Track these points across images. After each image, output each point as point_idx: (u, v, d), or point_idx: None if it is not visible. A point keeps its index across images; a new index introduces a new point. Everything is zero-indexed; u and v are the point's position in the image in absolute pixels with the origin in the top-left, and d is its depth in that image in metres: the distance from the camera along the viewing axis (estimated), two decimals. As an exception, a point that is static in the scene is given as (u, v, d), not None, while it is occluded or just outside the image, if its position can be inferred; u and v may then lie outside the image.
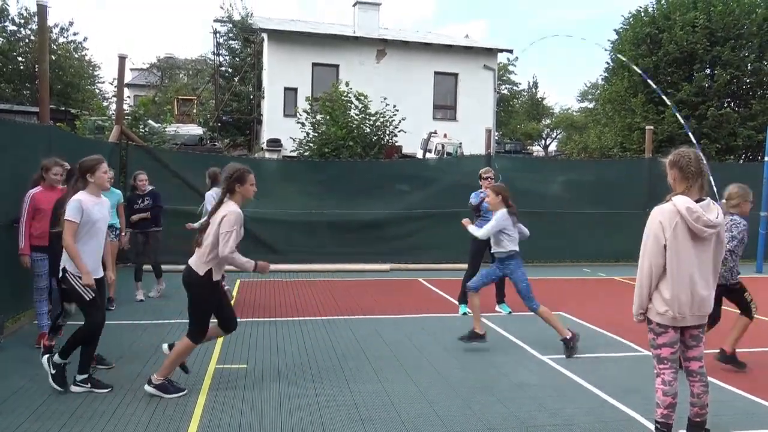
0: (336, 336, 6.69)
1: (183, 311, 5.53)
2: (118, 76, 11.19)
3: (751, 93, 18.43)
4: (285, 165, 13.48)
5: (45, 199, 5.81)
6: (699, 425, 3.91)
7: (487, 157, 12.60)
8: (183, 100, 30.97)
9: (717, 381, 5.31)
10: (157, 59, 47.82)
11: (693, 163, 3.80)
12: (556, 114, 50.80)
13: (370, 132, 14.61)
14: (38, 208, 5.80)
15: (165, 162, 11.27)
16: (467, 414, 4.49)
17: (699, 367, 3.91)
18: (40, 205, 5.80)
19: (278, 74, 25.57)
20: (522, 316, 7.71)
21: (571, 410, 4.60)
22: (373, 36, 26.74)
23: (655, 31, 17.79)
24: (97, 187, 4.79)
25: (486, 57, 28.32)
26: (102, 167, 4.79)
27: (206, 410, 4.47)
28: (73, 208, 4.60)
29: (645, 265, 3.79)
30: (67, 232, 4.59)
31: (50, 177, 5.91)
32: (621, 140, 18.56)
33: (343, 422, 4.30)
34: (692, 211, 3.69)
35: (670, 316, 3.75)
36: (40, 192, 5.89)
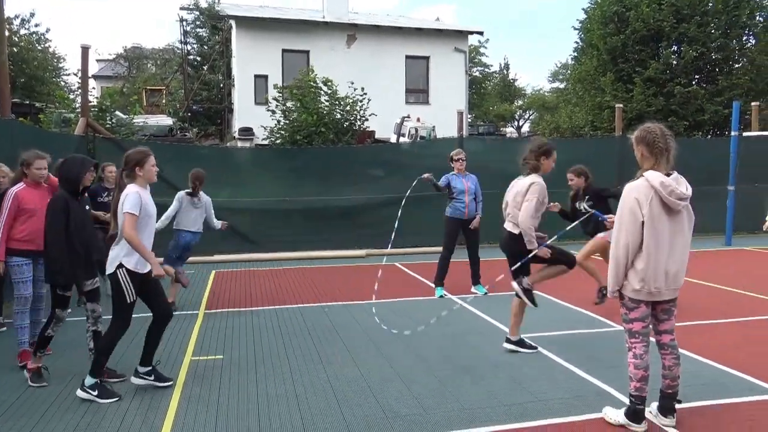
0: (312, 323, 6.67)
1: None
2: (81, 68, 10.93)
3: (717, 69, 18.69)
4: (257, 153, 13.35)
5: (31, 198, 5.26)
6: (671, 396, 3.98)
7: (460, 140, 12.61)
8: (151, 91, 30.42)
9: (688, 352, 5.41)
10: (124, 50, 46.97)
11: (660, 139, 3.84)
12: (528, 95, 51.05)
13: (341, 117, 14.52)
14: (23, 208, 5.20)
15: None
16: (444, 394, 4.51)
17: (670, 340, 3.97)
18: (26, 205, 5.21)
19: (248, 62, 25.25)
20: (498, 296, 7.79)
21: (547, 387, 4.65)
22: (343, 21, 26.51)
23: (623, 9, 17.91)
24: (145, 181, 4.68)
25: (457, 39, 28.27)
26: (150, 160, 4.68)
27: (182, 403, 4.42)
28: (134, 201, 4.46)
29: (621, 242, 3.81)
30: (130, 225, 4.42)
31: (33, 172, 5.30)
32: (591, 119, 18.71)
33: (321, 408, 4.29)
34: (666, 185, 3.72)
35: (646, 291, 3.79)
36: (24, 190, 5.27)
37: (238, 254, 11.10)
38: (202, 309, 7.39)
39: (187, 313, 7.20)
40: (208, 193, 11.01)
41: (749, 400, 4.39)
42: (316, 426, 4.02)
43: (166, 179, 10.76)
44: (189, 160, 11.75)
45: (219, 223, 7.52)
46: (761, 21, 18.34)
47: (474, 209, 7.97)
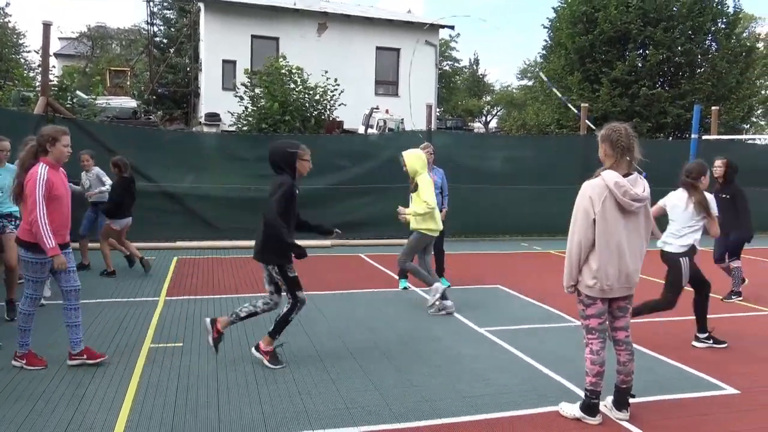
0: (275, 313, 6.62)
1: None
2: (42, 45, 10.59)
3: (680, 73, 19.11)
4: (223, 140, 13.18)
5: (58, 182, 4.60)
6: (625, 391, 4.08)
7: (428, 133, 12.65)
8: (116, 72, 29.74)
9: (646, 349, 5.55)
10: (88, 28, 45.78)
11: (623, 138, 3.90)
12: (497, 91, 51.46)
13: (309, 106, 14.41)
14: (54, 194, 4.54)
15: (96, 136, 10.81)
16: (405, 385, 4.54)
17: (625, 336, 4.06)
18: (55, 191, 4.55)
19: (216, 46, 24.87)
20: (462, 290, 7.86)
21: (506, 380, 4.72)
22: (314, 9, 26.30)
23: (591, 10, 18.16)
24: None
25: (428, 33, 28.29)
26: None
27: (140, 390, 4.35)
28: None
29: (575, 239, 3.88)
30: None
31: (59, 150, 4.60)
32: (558, 117, 18.97)
33: (281, 398, 4.27)
34: (620, 185, 3.79)
35: (598, 288, 3.86)
36: (50, 172, 4.55)
37: (201, 241, 10.95)
38: (163, 295, 7.28)
39: (147, 299, 7.08)
40: (173, 178, 10.94)
41: (701, 395, 4.53)
42: (275, 414, 4.01)
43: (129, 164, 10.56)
44: (152, 144, 11.57)
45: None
46: (723, 27, 18.80)
47: (439, 203, 7.99)
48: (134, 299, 7.06)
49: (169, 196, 11.13)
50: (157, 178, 11.09)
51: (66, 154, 4.68)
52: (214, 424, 3.86)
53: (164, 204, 11.07)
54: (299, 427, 3.84)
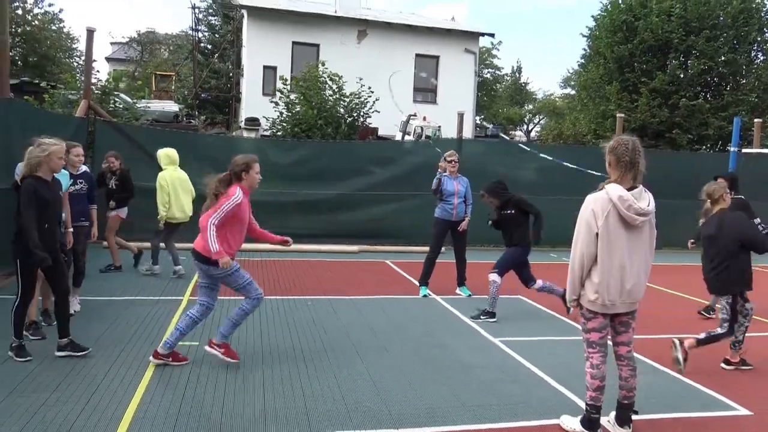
0: (293, 316, 6.75)
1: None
2: (86, 50, 11.03)
3: (723, 84, 18.61)
4: (255, 144, 13.41)
5: (247, 207, 5.04)
6: (627, 407, 4.03)
7: (459, 141, 12.65)
8: (161, 76, 30.57)
9: (657, 364, 5.45)
10: (137, 33, 47.17)
11: (629, 153, 3.86)
12: (539, 100, 50.89)
13: (344, 113, 14.57)
14: (241, 217, 4.97)
15: (134, 138, 11.17)
16: (409, 394, 4.57)
17: (627, 351, 4.02)
18: (243, 214, 4.98)
19: (257, 52, 25.35)
20: (481, 299, 7.83)
21: (512, 391, 4.71)
22: (354, 16, 26.54)
23: (632, 19, 17.83)
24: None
25: (467, 40, 28.26)
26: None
27: (151, 384, 4.52)
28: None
29: (577, 253, 3.86)
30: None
31: (253, 178, 5.01)
32: (595, 127, 18.69)
33: (286, 401, 4.35)
34: (624, 199, 3.76)
35: (600, 303, 3.83)
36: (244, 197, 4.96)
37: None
38: (187, 295, 7.47)
39: (172, 298, 7.28)
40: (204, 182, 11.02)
41: (710, 415, 4.44)
42: (277, 414, 4.10)
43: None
44: (187, 147, 11.81)
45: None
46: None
47: (463, 211, 8.00)
48: (160, 298, 7.27)
49: (203, 199, 11.37)
50: (195, 180, 11.33)
51: (257, 181, 5.03)
52: (217, 419, 3.98)
53: (198, 206, 11.32)
54: (299, 427, 3.92)
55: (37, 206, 4.76)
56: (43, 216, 4.82)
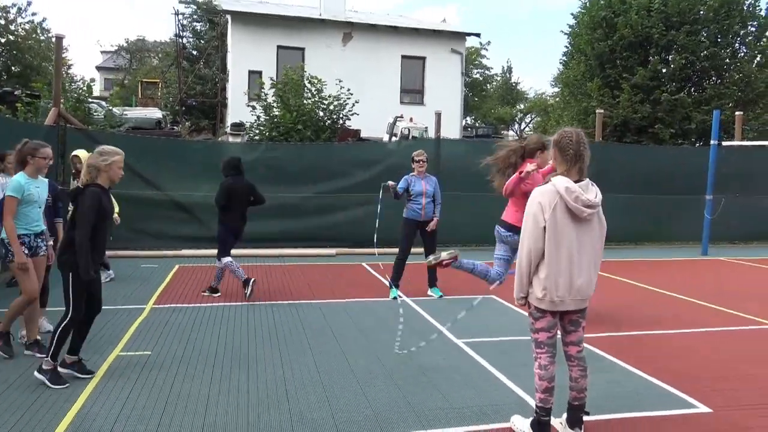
0: (255, 321, 6.60)
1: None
2: (55, 57, 10.90)
3: (705, 78, 18.51)
4: (231, 148, 13.25)
5: None
6: (578, 408, 3.89)
7: (437, 141, 12.54)
8: (147, 83, 30.41)
9: (622, 363, 5.33)
10: (126, 42, 47.11)
11: (573, 145, 3.75)
12: (531, 99, 50.83)
13: (323, 116, 14.45)
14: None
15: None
16: (358, 400, 4.43)
17: (577, 351, 3.88)
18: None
19: (242, 57, 25.24)
20: (454, 299, 7.72)
21: (466, 394, 4.57)
22: (339, 19, 26.47)
23: (611, 15, 17.75)
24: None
25: (454, 41, 28.21)
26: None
27: (91, 396, 4.39)
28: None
29: (524, 248, 3.73)
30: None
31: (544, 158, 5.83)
32: (577, 124, 18.57)
33: (228, 410, 4.22)
34: (571, 190, 3.63)
35: (548, 300, 3.70)
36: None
37: (205, 249, 11.02)
38: (150, 303, 7.33)
39: (133, 307, 7.13)
40: (181, 187, 10.97)
41: (664, 413, 4.31)
42: (216, 427, 3.96)
43: (137, 171, 10.76)
44: (164, 154, 11.69)
45: None
46: (753, 30, 18.15)
47: (431, 211, 7.88)
48: (121, 307, 7.12)
49: (177, 205, 11.26)
50: (165, 187, 11.23)
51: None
52: (152, 429, 3.84)
53: (172, 213, 11.21)
54: (235, 439, 3.80)
55: (97, 218, 4.54)
56: (101, 228, 4.62)
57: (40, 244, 5.33)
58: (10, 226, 4.98)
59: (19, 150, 5.20)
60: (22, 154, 5.16)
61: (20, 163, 5.20)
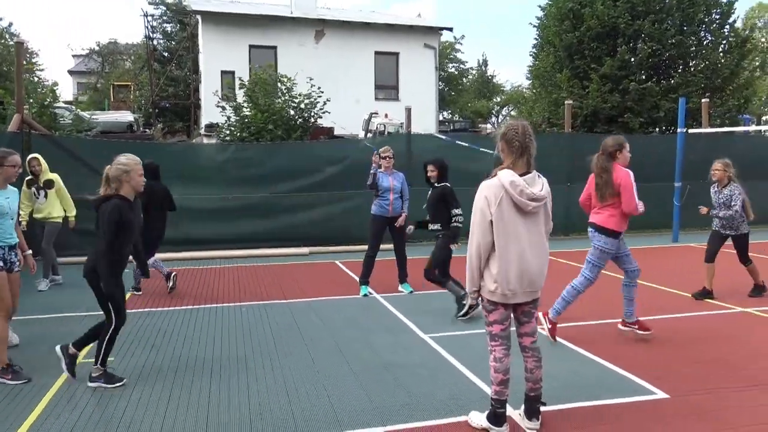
0: (222, 323, 6.57)
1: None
2: (16, 63, 10.73)
3: (673, 66, 18.74)
4: (197, 150, 13.15)
5: None
6: (534, 399, 3.93)
7: (407, 137, 12.55)
8: (119, 87, 30.07)
9: (584, 351, 5.39)
10: (97, 45, 46.54)
11: (518, 137, 3.77)
12: (507, 91, 51.01)
13: (294, 114, 14.39)
14: None
15: (74, 152, 10.89)
16: (320, 398, 4.43)
17: (531, 342, 3.92)
18: None
19: (214, 57, 25.04)
20: (423, 295, 7.74)
21: (427, 389, 4.59)
22: (311, 16, 26.36)
23: (578, 6, 17.88)
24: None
25: (427, 36, 28.25)
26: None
27: (51, 403, 4.36)
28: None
29: (473, 243, 3.76)
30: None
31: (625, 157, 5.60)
32: (548, 116, 18.72)
33: (186, 414, 4.19)
34: (515, 184, 3.66)
35: (500, 293, 3.73)
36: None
37: (179, 252, 10.94)
38: (118, 309, 7.24)
39: (100, 313, 7.03)
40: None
41: (622, 401, 4.36)
42: (175, 427, 3.94)
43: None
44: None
45: None
46: (717, 18, 18.38)
47: (399, 207, 7.88)
48: (86, 314, 7.02)
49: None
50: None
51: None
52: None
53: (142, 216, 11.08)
54: (193, 443, 3.79)
55: (118, 230, 4.53)
56: (124, 240, 4.60)
57: (14, 259, 5.10)
58: None
59: None
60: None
61: None
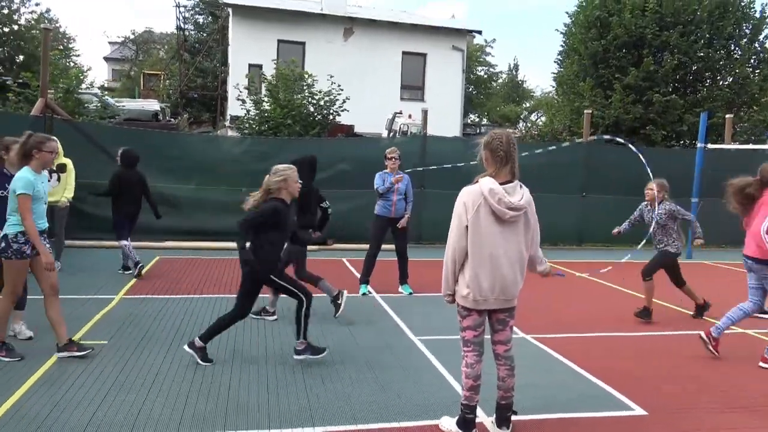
0: (218, 313, 6.66)
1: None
2: (42, 48, 11.00)
3: (700, 80, 18.42)
4: (213, 142, 13.27)
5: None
6: (505, 407, 3.94)
7: (423, 138, 12.57)
8: (150, 75, 30.57)
9: (570, 363, 5.37)
10: (132, 33, 47.28)
11: (503, 146, 3.78)
12: (538, 97, 50.56)
13: (314, 111, 14.50)
14: None
15: (94, 138, 11.12)
16: (299, 396, 4.50)
17: (505, 350, 3.93)
18: None
19: (243, 50, 25.31)
20: (419, 297, 7.76)
21: (406, 391, 4.63)
22: (340, 14, 26.47)
23: (605, 15, 17.67)
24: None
25: (455, 38, 28.18)
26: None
27: (37, 382, 4.51)
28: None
29: (449, 247, 3.78)
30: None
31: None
32: (569, 124, 18.53)
33: (166, 400, 4.29)
34: (494, 192, 3.67)
35: (472, 298, 3.75)
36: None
37: (189, 241, 11.11)
38: (121, 294, 7.42)
39: (103, 297, 7.23)
40: (167, 179, 11.03)
41: (600, 415, 4.35)
42: (151, 417, 4.03)
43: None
44: (152, 147, 11.72)
45: None
46: (747, 32, 18.01)
47: (402, 208, 7.92)
48: (91, 297, 7.21)
49: (164, 198, 11.30)
50: (153, 180, 11.27)
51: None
52: (83, 421, 3.92)
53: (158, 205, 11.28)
54: (176, 428, 3.87)
55: (270, 226, 5.05)
56: (276, 235, 5.15)
57: (44, 243, 5.04)
58: (32, 227, 4.79)
59: (23, 143, 4.95)
60: (26, 148, 4.91)
61: (24, 157, 4.93)
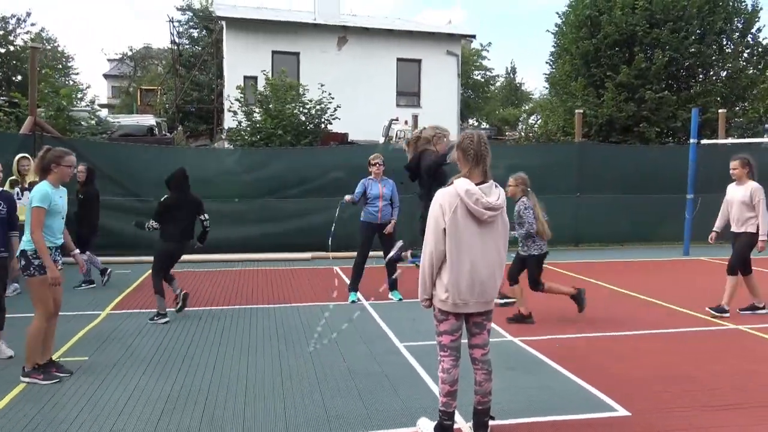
0: (205, 325, 6.63)
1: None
2: (30, 66, 11.02)
3: (692, 76, 18.33)
4: (209, 154, 13.27)
5: None
6: (482, 413, 3.87)
7: (414, 144, 12.49)
8: (146, 90, 30.67)
9: (556, 365, 5.30)
10: (130, 49, 47.50)
11: (473, 146, 3.73)
12: (536, 99, 50.53)
13: (305, 120, 14.49)
14: None
15: (85, 155, 11.09)
16: (276, 401, 4.46)
17: (482, 354, 3.86)
18: None
19: (237, 63, 25.36)
20: (409, 303, 7.70)
21: (385, 398, 4.57)
22: (334, 23, 26.52)
23: (596, 13, 17.63)
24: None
25: (450, 43, 28.18)
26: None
27: (17, 398, 4.49)
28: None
29: (427, 249, 3.72)
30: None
31: None
32: (563, 124, 18.46)
33: (144, 415, 4.23)
34: (471, 193, 3.61)
35: (451, 302, 3.68)
36: None
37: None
38: (108, 309, 7.38)
39: (89, 313, 7.18)
40: (159, 193, 11.08)
41: (580, 417, 4.27)
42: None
43: (115, 179, 10.92)
44: (142, 161, 11.74)
45: None
46: (739, 26, 17.92)
47: (389, 214, 7.87)
48: (77, 313, 7.16)
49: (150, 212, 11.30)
50: (145, 194, 11.28)
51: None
52: None
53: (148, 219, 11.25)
54: (138, 444, 3.82)
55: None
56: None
57: (57, 258, 4.98)
58: (40, 240, 4.74)
59: (41, 157, 4.98)
60: (44, 162, 4.93)
61: (43, 171, 4.95)
